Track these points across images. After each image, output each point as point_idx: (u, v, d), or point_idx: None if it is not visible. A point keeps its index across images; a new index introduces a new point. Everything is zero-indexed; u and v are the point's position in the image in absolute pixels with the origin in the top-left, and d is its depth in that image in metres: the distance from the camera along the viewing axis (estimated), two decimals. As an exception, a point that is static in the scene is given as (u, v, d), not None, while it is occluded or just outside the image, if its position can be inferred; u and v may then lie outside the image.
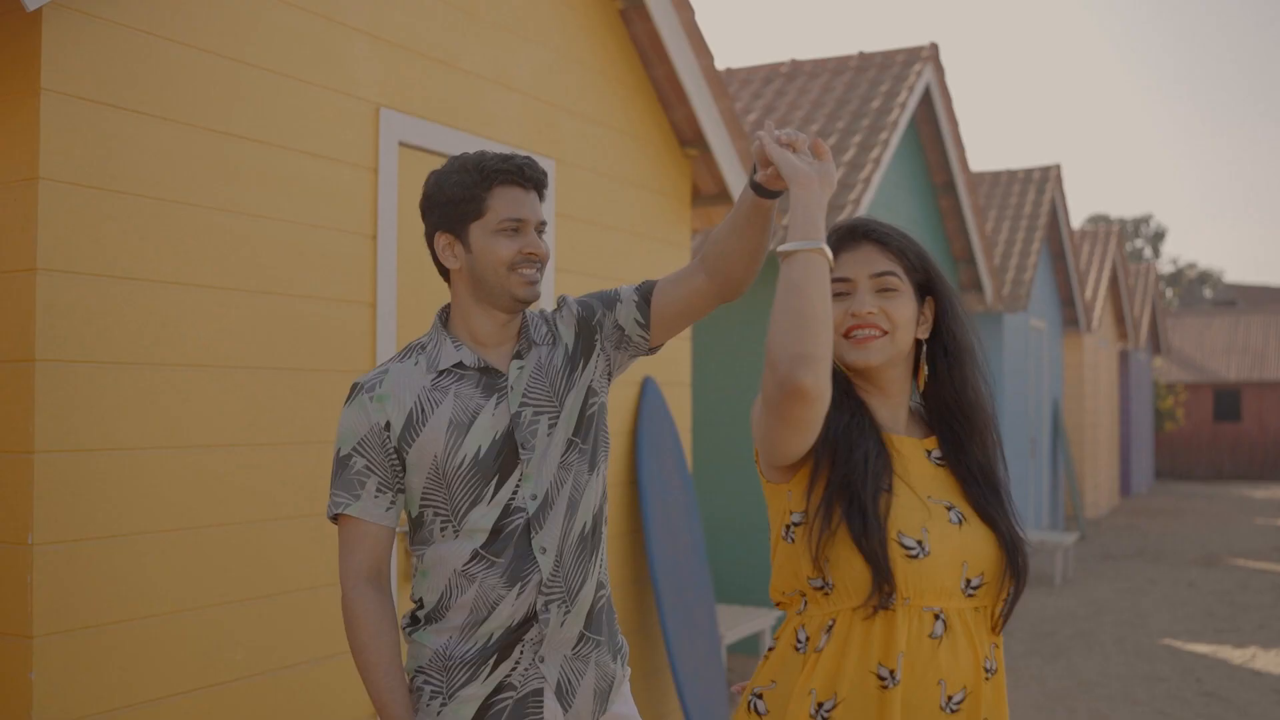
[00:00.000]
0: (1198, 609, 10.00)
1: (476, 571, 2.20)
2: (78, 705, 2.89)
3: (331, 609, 3.66)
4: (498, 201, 2.25)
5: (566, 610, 2.25)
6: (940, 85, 9.53)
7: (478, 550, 2.20)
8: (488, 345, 2.30)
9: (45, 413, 2.85)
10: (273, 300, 3.49)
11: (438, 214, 2.29)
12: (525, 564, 2.21)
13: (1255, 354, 31.74)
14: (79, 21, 2.95)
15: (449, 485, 2.20)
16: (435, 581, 2.24)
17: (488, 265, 2.24)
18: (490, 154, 2.27)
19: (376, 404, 2.22)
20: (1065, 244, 15.27)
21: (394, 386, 2.23)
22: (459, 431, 2.20)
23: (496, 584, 2.20)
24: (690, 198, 5.97)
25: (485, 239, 2.24)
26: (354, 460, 2.22)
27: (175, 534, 3.17)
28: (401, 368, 2.27)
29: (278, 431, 3.50)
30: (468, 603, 2.21)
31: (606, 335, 2.38)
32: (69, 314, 2.92)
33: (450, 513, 2.21)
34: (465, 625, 2.22)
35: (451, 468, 2.19)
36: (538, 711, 2.23)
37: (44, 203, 2.87)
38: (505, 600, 2.20)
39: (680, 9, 5.39)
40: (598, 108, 5.15)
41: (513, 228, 2.25)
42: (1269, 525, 17.51)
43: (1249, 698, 6.89)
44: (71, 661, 2.89)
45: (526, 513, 2.22)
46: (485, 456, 2.20)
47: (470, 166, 2.25)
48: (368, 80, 3.88)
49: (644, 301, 2.36)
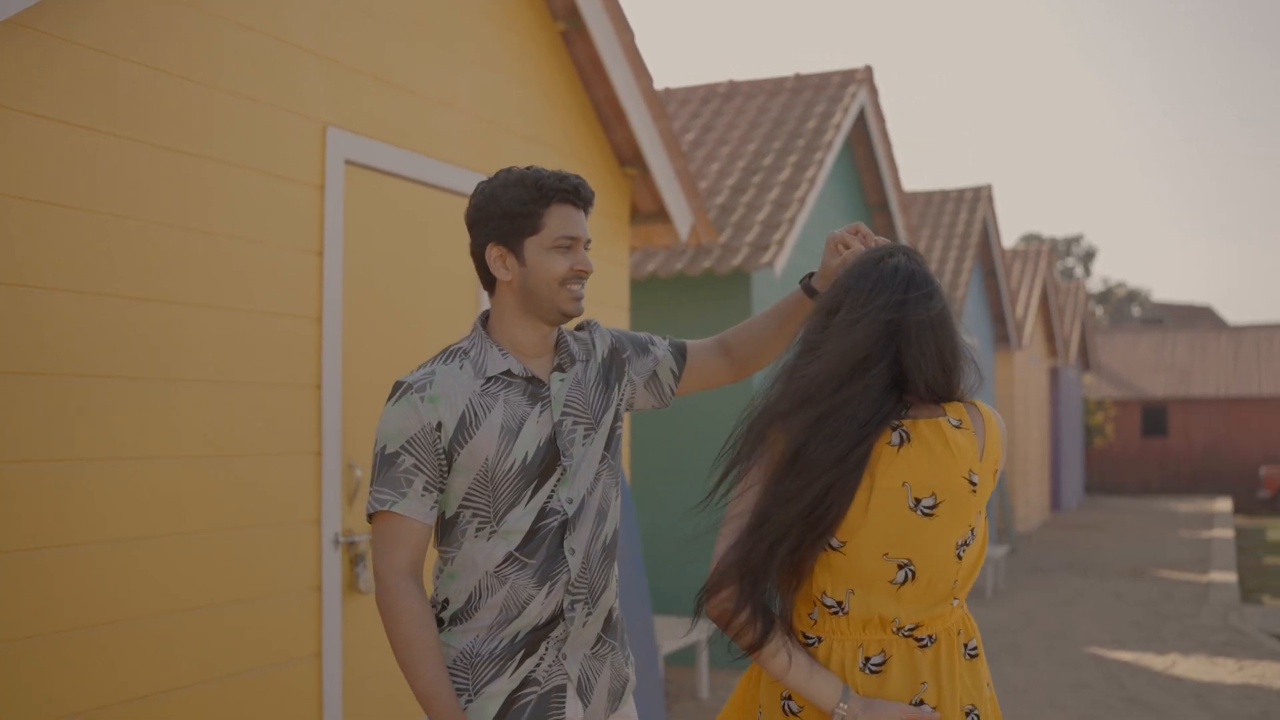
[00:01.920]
0: (1123, 619, 10.27)
1: (509, 573, 2.27)
2: (45, 706, 2.94)
3: (278, 617, 3.72)
4: (554, 219, 2.33)
5: (589, 611, 2.35)
6: (874, 107, 9.75)
7: (511, 552, 2.27)
8: (529, 355, 2.38)
9: (11, 424, 2.91)
10: (222, 314, 3.56)
11: (492, 226, 2.34)
12: (556, 564, 2.30)
13: (1181, 371, 32.52)
14: (38, 41, 3.02)
15: (495, 487, 2.27)
16: (465, 583, 2.30)
17: (541, 279, 2.32)
18: (546, 171, 2.35)
19: (429, 404, 2.25)
20: (996, 262, 15.62)
21: (445, 389, 2.27)
22: (509, 436, 2.28)
23: (527, 584, 2.28)
24: (629, 216, 6.10)
25: (540, 254, 2.32)
26: (402, 458, 2.25)
27: (124, 543, 3.23)
28: (448, 370, 2.31)
29: (225, 444, 3.56)
30: (498, 603, 2.28)
31: (638, 371, 2.54)
32: (23, 327, 2.98)
33: (491, 514, 2.28)
34: (494, 624, 2.29)
35: (501, 471, 2.26)
36: (560, 707, 2.32)
37: (10, 220, 2.93)
38: (535, 599, 2.28)
39: (620, 32, 5.53)
40: (539, 127, 5.27)
41: (567, 245, 2.34)
42: (1193, 538, 17.97)
43: (1168, 702, 7.12)
44: (38, 665, 2.93)
45: (563, 515, 2.31)
46: (532, 461, 2.29)
47: (529, 182, 2.33)
48: (315, 99, 3.96)
49: (680, 357, 2.59)
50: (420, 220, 4.47)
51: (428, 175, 4.47)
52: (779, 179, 8.47)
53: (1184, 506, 25.38)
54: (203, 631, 3.47)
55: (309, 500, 3.90)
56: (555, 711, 2.32)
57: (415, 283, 4.44)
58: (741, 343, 2.61)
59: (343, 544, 4.01)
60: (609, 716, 2.43)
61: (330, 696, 3.91)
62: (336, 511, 3.98)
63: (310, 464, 3.90)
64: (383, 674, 4.16)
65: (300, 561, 3.85)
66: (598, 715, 2.40)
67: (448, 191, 4.59)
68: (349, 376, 4.07)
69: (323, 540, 3.92)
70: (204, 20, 3.54)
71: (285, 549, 3.80)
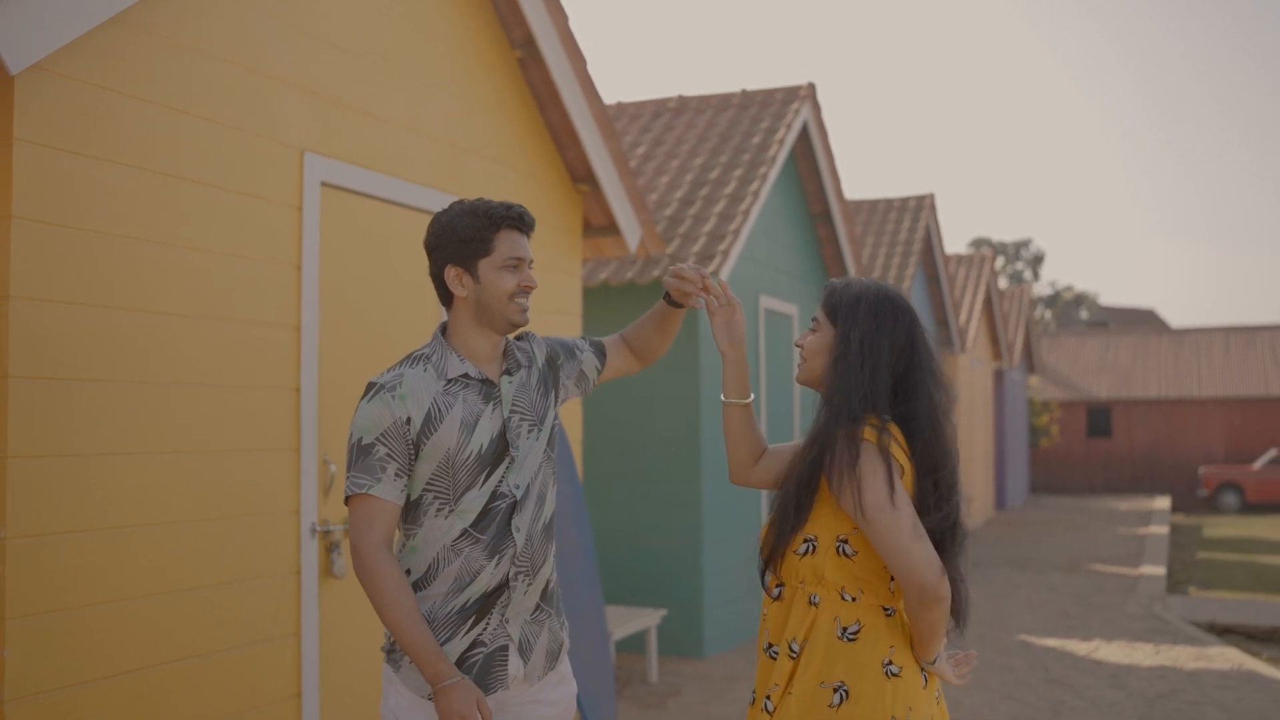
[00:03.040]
0: (1054, 610, 10.80)
1: (464, 547, 2.67)
2: (48, 678, 3.31)
3: (260, 598, 4.10)
4: (502, 243, 2.74)
5: (529, 582, 2.76)
6: (817, 122, 10.21)
7: (466, 529, 2.67)
8: (482, 360, 2.78)
9: (17, 423, 3.28)
10: (208, 323, 3.94)
11: (450, 250, 2.74)
12: (503, 540, 2.70)
13: (1124, 373, 33.27)
14: (45, 78, 3.39)
15: (455, 473, 2.67)
16: (425, 555, 2.70)
17: (493, 294, 2.73)
18: (495, 202, 2.76)
19: (399, 401, 2.64)
20: (939, 268, 16.16)
21: (412, 388, 2.66)
22: (467, 430, 2.68)
23: (479, 556, 2.68)
24: (582, 230, 6.51)
25: (491, 273, 2.73)
26: (376, 448, 2.62)
27: (120, 530, 3.60)
28: (414, 373, 2.70)
29: (212, 441, 3.94)
30: (453, 572, 2.68)
31: (569, 374, 2.98)
32: (38, 336, 3.35)
33: (450, 496, 2.67)
34: (449, 591, 2.68)
35: (460, 459, 2.67)
36: (503, 664, 2.72)
37: (16, 238, 3.30)
38: (485, 570, 2.68)
39: (573, 58, 5.93)
40: (499, 149, 5.67)
41: (514, 264, 2.74)
42: (1130, 534, 18.61)
43: (1086, 682, 7.63)
44: (41, 640, 3.31)
45: (512, 498, 2.71)
46: (486, 451, 2.70)
47: (480, 212, 2.74)
48: (294, 127, 4.34)
49: (601, 356, 3.06)
50: (389, 237, 4.86)
51: (397, 195, 4.87)
52: (724, 192, 8.91)
53: (1124, 505, 26.07)
54: (191, 611, 3.84)
55: (288, 492, 4.27)
56: (499, 667, 2.72)
57: (384, 294, 4.82)
58: (638, 342, 3.11)
59: (319, 532, 4.39)
60: (546, 673, 2.83)
61: (308, 671, 4.29)
62: (313, 503, 4.36)
63: (289, 460, 4.28)
64: (355, 650, 4.54)
65: (280, 548, 4.23)
66: (536, 671, 2.79)
67: (415, 210, 4.98)
68: (324, 380, 4.45)
69: (301, 529, 4.30)
70: (194, 57, 3.91)
71: (267, 537, 4.17)
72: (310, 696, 4.30)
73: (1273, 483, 26.57)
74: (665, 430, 8.39)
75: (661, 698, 7.19)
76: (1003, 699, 7.17)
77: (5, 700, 3.20)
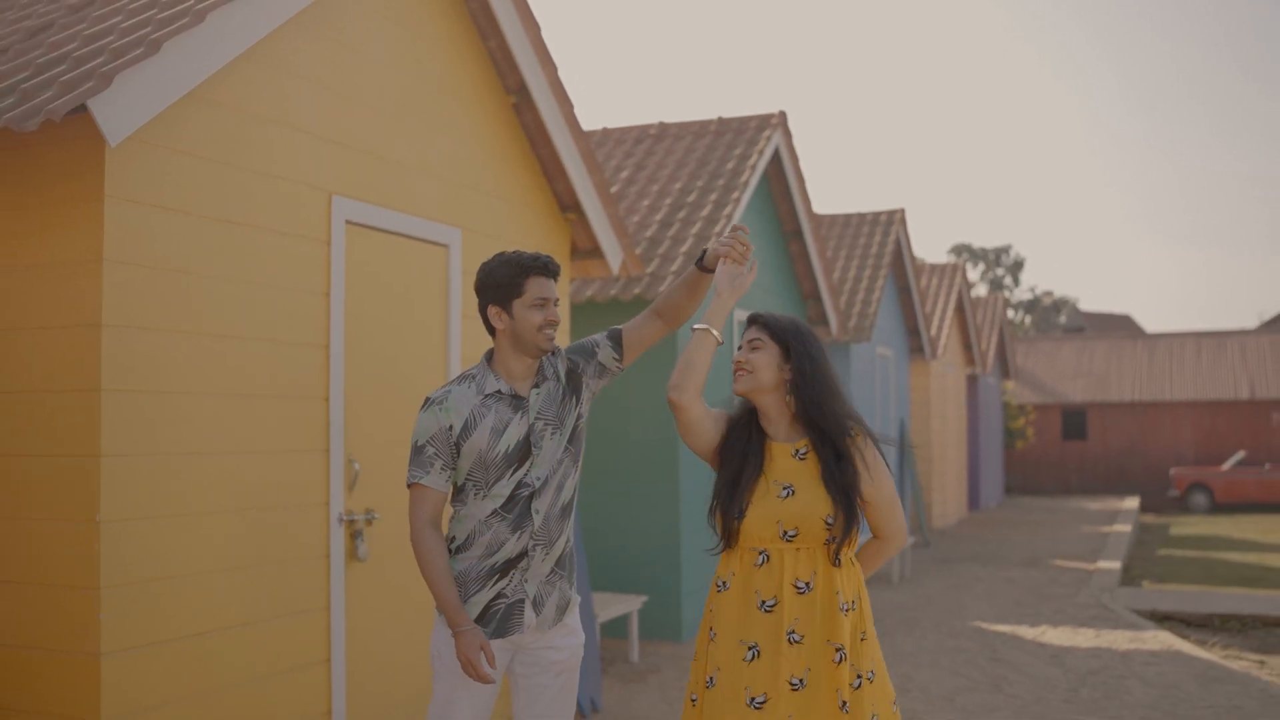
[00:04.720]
0: (1009, 600, 11.56)
1: (494, 522, 3.42)
2: (134, 637, 4.05)
3: (295, 577, 4.83)
4: (531, 286, 3.43)
5: (546, 552, 3.49)
6: (788, 147, 10.97)
7: (496, 509, 3.41)
8: (517, 379, 3.49)
9: (109, 428, 4.01)
10: (253, 344, 4.67)
11: (490, 293, 3.46)
12: (525, 519, 3.44)
13: (1099, 377, 34.04)
14: (129, 144, 4.12)
15: (487, 468, 3.40)
16: (466, 526, 3.45)
17: (524, 328, 3.43)
18: (526, 253, 3.46)
19: (444, 413, 3.39)
20: (910, 279, 16.93)
21: (455, 402, 3.41)
22: (496, 435, 3.40)
23: (504, 531, 3.42)
24: (570, 253, 7.26)
25: (523, 310, 3.43)
26: (427, 449, 3.38)
27: (200, 516, 4.33)
28: (459, 389, 3.44)
29: (254, 443, 4.67)
30: (485, 541, 3.42)
31: (589, 374, 3.59)
32: (125, 357, 4.08)
33: (484, 484, 3.42)
34: (481, 555, 3.42)
35: (491, 458, 3.40)
36: (520, 614, 3.46)
37: (107, 277, 4.03)
38: (509, 541, 3.42)
39: (561, 103, 6.68)
40: (496, 184, 6.41)
41: (540, 303, 3.43)
42: (1094, 532, 19.39)
43: (1028, 661, 8.40)
44: (129, 606, 4.04)
45: (532, 487, 3.44)
46: (512, 451, 3.43)
47: (514, 262, 3.44)
48: (323, 173, 5.08)
49: (616, 343, 3.59)
50: (402, 266, 5.60)
51: (408, 229, 5.61)
52: (701, 214, 9.65)
53: (1094, 505, 26.79)
54: (240, 586, 4.57)
55: (319, 487, 5.01)
56: (517, 616, 3.46)
57: (397, 316, 5.56)
58: (669, 307, 3.59)
59: (345, 522, 5.13)
60: (555, 624, 3.56)
61: (336, 639, 5.03)
62: (340, 497, 5.09)
63: (320, 460, 5.02)
64: (376, 622, 5.28)
65: (312, 535, 4.96)
66: (547, 622, 3.53)
67: (424, 241, 5.72)
68: (349, 391, 5.19)
69: (330, 519, 5.04)
70: (244, 119, 4.65)
71: (301, 525, 4.90)
72: (338, 660, 5.03)
73: (1240, 483, 27.26)
74: (645, 433, 9.13)
75: (642, 675, 7.92)
76: (950, 675, 7.92)
77: (102, 654, 3.93)
